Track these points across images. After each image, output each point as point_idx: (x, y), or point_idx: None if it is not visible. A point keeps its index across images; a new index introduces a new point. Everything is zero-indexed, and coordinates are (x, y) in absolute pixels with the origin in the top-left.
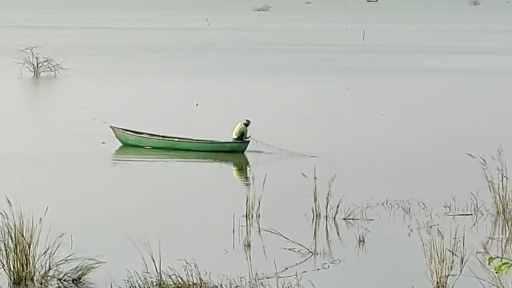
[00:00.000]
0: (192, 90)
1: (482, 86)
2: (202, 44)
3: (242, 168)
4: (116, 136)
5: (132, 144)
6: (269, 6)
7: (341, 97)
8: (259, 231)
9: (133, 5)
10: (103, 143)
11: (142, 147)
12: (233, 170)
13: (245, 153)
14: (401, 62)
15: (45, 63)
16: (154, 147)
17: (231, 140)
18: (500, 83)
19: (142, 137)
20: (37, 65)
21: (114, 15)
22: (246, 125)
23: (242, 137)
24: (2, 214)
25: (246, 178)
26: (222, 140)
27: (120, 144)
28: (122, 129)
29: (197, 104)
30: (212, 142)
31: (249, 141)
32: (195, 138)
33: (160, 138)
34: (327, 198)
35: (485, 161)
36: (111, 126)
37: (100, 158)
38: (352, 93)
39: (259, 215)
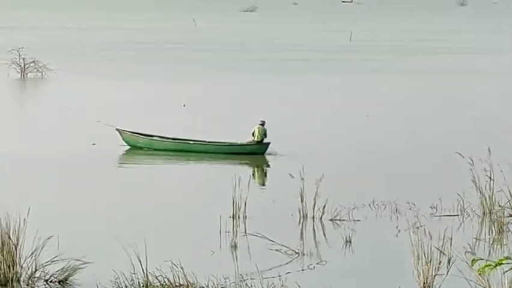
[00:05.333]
0: (178, 91)
1: (470, 86)
2: (189, 44)
3: (251, 169)
4: (122, 139)
5: (142, 147)
6: (256, 6)
7: (325, 97)
8: (246, 232)
9: (119, 6)
10: (93, 144)
11: (153, 150)
12: (240, 171)
13: (265, 155)
14: (388, 62)
15: (32, 64)
16: (166, 150)
17: (250, 142)
18: (489, 83)
19: (153, 139)
20: (24, 66)
21: (100, 16)
22: (262, 125)
23: (263, 138)
24: None
25: (251, 180)
26: (240, 142)
27: (126, 147)
28: (130, 132)
29: (184, 105)
30: (231, 144)
31: (269, 143)
32: (209, 141)
33: (173, 140)
34: (314, 199)
35: (472, 161)
36: (117, 129)
37: (95, 160)
38: (336, 93)
39: (246, 216)
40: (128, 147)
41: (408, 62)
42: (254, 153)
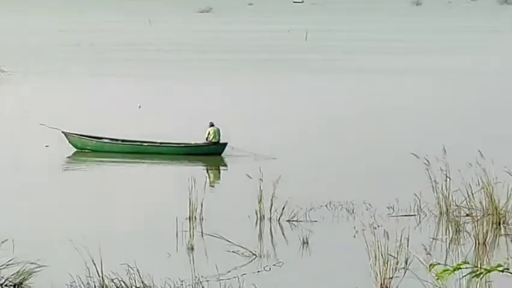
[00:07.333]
0: (133, 92)
1: (425, 86)
2: (143, 45)
3: (208, 170)
4: (69, 142)
5: (92, 149)
6: (211, 7)
7: (280, 98)
8: (203, 234)
9: (73, 7)
10: (46, 146)
11: (103, 152)
12: (196, 172)
13: (222, 155)
14: (344, 62)
15: None
16: (118, 153)
17: (206, 142)
18: (442, 82)
19: (104, 142)
20: None
21: (53, 16)
22: (212, 125)
23: (219, 139)
24: None
25: (208, 181)
26: (195, 143)
27: (74, 149)
28: (78, 134)
29: (140, 106)
30: (186, 145)
31: (226, 143)
32: (160, 142)
33: (126, 143)
34: (272, 200)
35: (428, 162)
36: (63, 132)
37: (48, 163)
38: (291, 94)
39: (202, 218)
40: (75, 150)
41: (364, 62)
42: (211, 153)
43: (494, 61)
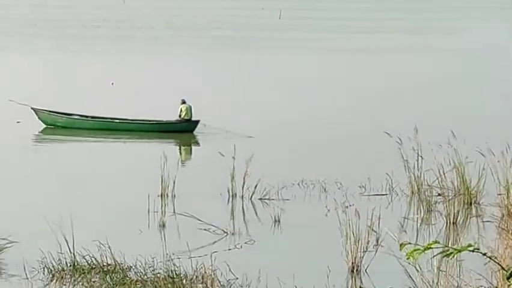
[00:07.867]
0: (106, 69)
1: (398, 65)
2: (117, 21)
3: (180, 148)
4: (39, 118)
5: (62, 126)
6: None
7: (253, 76)
8: (175, 212)
9: None
10: (18, 122)
11: (74, 129)
12: (168, 149)
13: (194, 132)
14: (318, 41)
15: None
16: (89, 129)
17: (178, 120)
18: (416, 62)
19: (75, 119)
20: None
21: None
22: (184, 103)
23: (191, 116)
24: None
25: (180, 158)
26: (167, 120)
27: (43, 126)
28: (48, 111)
29: (112, 83)
30: (158, 122)
31: (198, 121)
32: (131, 119)
33: (96, 119)
34: (244, 178)
35: (401, 141)
36: (32, 108)
37: (17, 139)
38: (264, 72)
39: (174, 195)
40: (45, 126)
41: (338, 41)
42: (183, 131)
43: (477, 41)
